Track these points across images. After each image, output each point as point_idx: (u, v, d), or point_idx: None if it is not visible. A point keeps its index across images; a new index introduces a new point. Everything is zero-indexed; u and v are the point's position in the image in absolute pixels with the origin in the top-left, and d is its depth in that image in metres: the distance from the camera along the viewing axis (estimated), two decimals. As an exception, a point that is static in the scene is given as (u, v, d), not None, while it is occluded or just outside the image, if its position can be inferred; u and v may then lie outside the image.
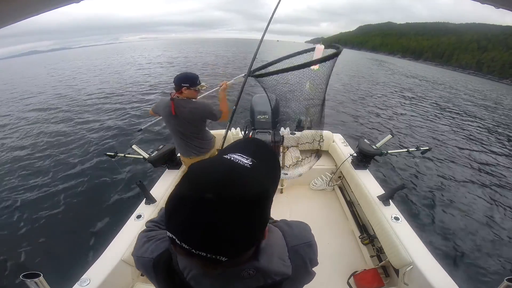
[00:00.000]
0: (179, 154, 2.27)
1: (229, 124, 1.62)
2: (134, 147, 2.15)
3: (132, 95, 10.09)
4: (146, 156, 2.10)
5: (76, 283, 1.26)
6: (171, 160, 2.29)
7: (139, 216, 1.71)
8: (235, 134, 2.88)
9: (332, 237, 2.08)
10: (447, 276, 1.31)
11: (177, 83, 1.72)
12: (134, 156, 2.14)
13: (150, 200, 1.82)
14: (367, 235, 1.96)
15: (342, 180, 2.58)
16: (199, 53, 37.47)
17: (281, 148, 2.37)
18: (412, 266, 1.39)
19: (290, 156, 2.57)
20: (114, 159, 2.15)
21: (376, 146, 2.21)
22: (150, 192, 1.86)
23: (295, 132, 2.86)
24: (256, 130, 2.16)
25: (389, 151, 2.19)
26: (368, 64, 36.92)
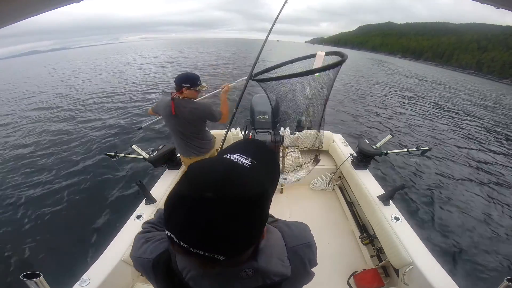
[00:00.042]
0: (179, 154, 2.27)
1: (229, 125, 1.62)
2: (134, 147, 2.14)
3: (133, 94, 10.10)
4: (146, 156, 2.10)
5: (76, 283, 1.26)
6: (171, 160, 2.29)
7: (139, 216, 1.71)
8: (235, 134, 2.87)
9: (332, 237, 2.08)
10: (447, 276, 1.31)
11: (177, 83, 1.72)
12: (134, 156, 2.14)
13: (150, 200, 1.82)
14: (367, 235, 1.96)
15: (342, 180, 2.58)
16: (199, 53, 37.47)
17: (281, 148, 2.36)
18: (412, 266, 1.39)
19: (291, 157, 2.57)
20: (114, 159, 2.15)
21: (376, 146, 2.21)
22: (150, 192, 1.86)
23: (295, 132, 2.86)
24: (256, 130, 2.16)
25: (389, 151, 2.19)
26: (368, 64, 36.89)
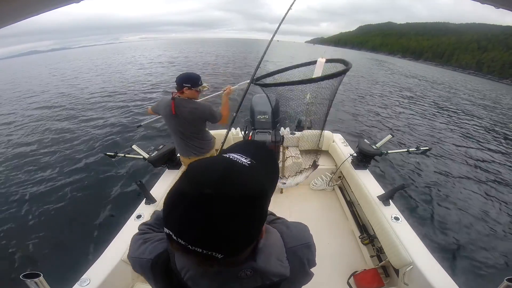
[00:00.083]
0: (178, 154, 2.27)
1: (229, 127, 1.62)
2: (134, 147, 2.15)
3: (135, 93, 10.15)
4: (146, 156, 2.10)
5: (76, 283, 1.26)
6: (171, 160, 2.29)
7: (139, 216, 1.71)
8: (235, 134, 2.87)
9: (332, 237, 2.08)
10: (447, 276, 1.31)
11: (179, 82, 1.72)
12: (134, 156, 2.14)
13: (150, 200, 1.82)
14: (367, 235, 1.96)
15: (342, 180, 2.58)
16: (199, 53, 37.43)
17: (281, 149, 2.36)
18: (412, 266, 1.39)
19: (291, 157, 2.56)
20: (114, 159, 2.15)
21: (376, 146, 2.22)
22: (150, 192, 1.86)
23: (295, 132, 2.86)
24: (256, 130, 2.15)
25: (389, 151, 2.20)
26: (368, 64, 36.88)
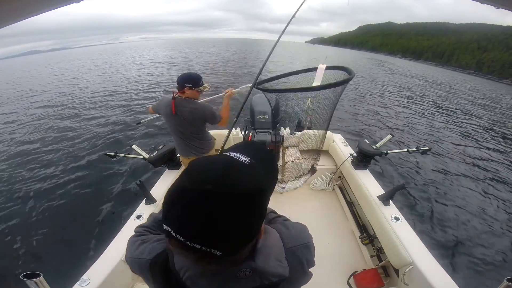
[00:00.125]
0: (178, 154, 2.27)
1: (230, 128, 1.61)
2: (134, 147, 2.15)
3: (136, 93, 10.22)
4: (146, 156, 2.10)
5: (76, 283, 1.25)
6: (171, 160, 2.29)
7: (139, 216, 1.71)
8: (235, 135, 2.87)
9: (332, 237, 2.08)
10: (447, 276, 1.31)
11: (180, 82, 1.72)
12: (134, 156, 2.14)
13: (150, 200, 1.82)
14: (367, 235, 1.96)
15: (342, 180, 2.58)
16: (199, 52, 37.47)
17: (281, 149, 2.36)
18: (412, 266, 1.39)
19: (291, 157, 2.56)
20: (114, 159, 2.15)
21: (376, 146, 2.21)
22: (150, 192, 1.86)
23: (295, 132, 2.86)
24: (256, 130, 2.15)
25: (389, 151, 2.19)
26: (368, 64, 36.88)
